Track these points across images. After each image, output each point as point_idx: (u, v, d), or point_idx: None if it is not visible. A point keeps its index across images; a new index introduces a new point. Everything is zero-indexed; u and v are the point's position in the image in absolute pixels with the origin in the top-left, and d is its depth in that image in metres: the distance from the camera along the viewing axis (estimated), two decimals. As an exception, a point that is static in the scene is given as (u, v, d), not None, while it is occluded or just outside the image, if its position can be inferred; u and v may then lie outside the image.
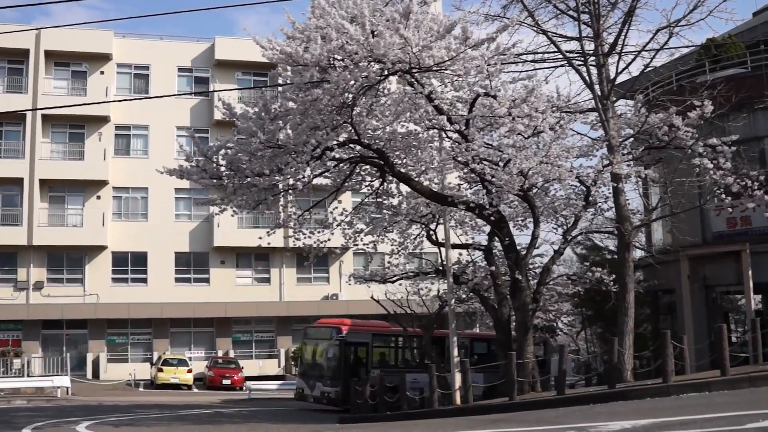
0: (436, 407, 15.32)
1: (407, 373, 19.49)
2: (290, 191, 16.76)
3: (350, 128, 14.75)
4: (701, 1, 15.72)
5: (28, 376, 31.59)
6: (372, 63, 12.85)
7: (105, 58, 37.95)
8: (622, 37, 16.63)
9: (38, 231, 35.67)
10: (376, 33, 12.54)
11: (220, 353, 37.09)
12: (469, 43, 13.04)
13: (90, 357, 35.79)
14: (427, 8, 15.31)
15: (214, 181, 15.38)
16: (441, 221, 18.82)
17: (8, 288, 35.59)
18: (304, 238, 17.59)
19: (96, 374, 35.24)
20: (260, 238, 17.99)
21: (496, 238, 16.97)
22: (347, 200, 28.38)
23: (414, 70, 13.37)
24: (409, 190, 17.13)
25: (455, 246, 19.23)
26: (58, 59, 37.66)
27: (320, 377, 22.17)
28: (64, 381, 28.93)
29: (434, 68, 13.27)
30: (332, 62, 12.66)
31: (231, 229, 36.04)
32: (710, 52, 19.98)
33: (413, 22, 13.14)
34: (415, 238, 19.63)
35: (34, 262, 36.04)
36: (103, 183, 37.06)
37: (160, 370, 32.85)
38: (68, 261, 36.74)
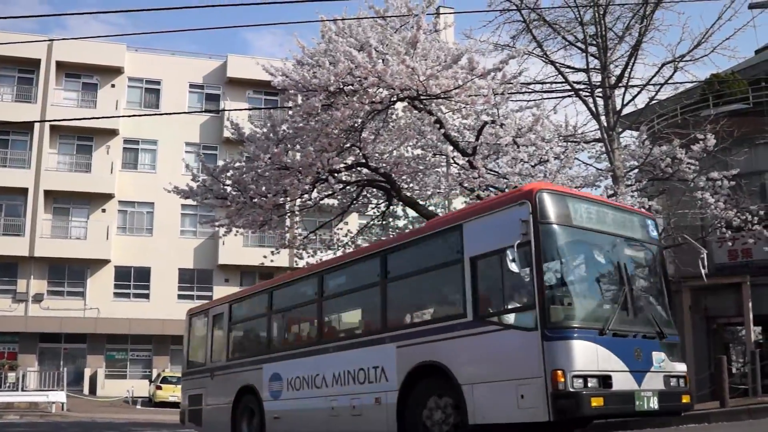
0: None
1: None
2: (296, 212, 16.89)
3: (358, 151, 14.93)
4: (705, 38, 16.04)
5: (23, 390, 31.42)
6: (380, 89, 13.05)
7: (116, 71, 38.39)
8: (629, 70, 16.91)
9: (40, 242, 35.80)
10: (384, 61, 12.75)
11: (218, 371, 36.95)
12: (475, 73, 13.24)
13: (88, 372, 35.70)
14: (437, 36, 15.60)
15: (220, 201, 15.52)
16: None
17: (7, 299, 35.63)
18: (308, 256, 17.71)
19: (93, 390, 35.14)
20: (264, 257, 18.09)
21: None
22: (353, 221, 28.53)
23: (422, 97, 13.57)
24: (415, 213, 17.26)
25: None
26: (69, 70, 38.10)
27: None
28: (60, 396, 28.75)
29: (441, 96, 13.45)
30: (341, 87, 12.86)
31: (236, 247, 36.14)
32: (713, 88, 20.26)
33: (421, 51, 13.36)
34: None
35: (34, 274, 36.13)
36: (108, 196, 37.28)
37: (159, 387, 32.65)
38: (70, 274, 36.83)
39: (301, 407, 10.73)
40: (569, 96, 17.65)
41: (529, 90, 17.38)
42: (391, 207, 17.39)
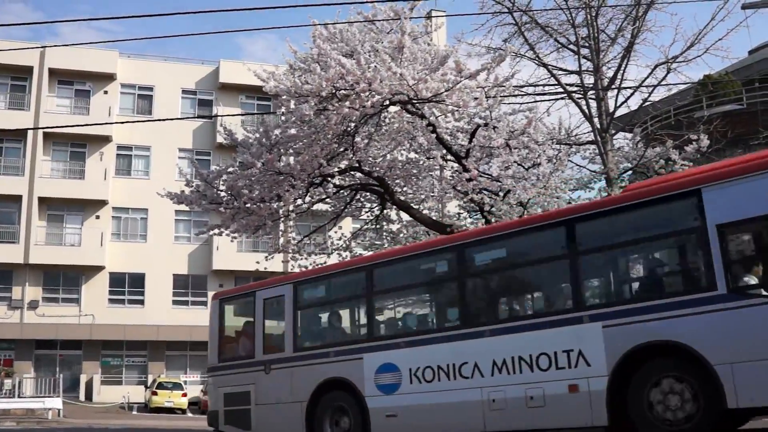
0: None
1: None
2: (290, 217, 16.86)
3: (351, 155, 14.90)
4: (698, 39, 16.05)
5: (19, 396, 31.21)
6: (372, 93, 13.03)
7: (109, 77, 38.31)
8: (621, 72, 16.92)
9: (35, 249, 35.67)
10: (371, 68, 12.73)
11: (214, 376, 36.82)
12: (463, 75, 13.20)
13: (83, 378, 35.55)
14: (428, 38, 15.57)
15: (213, 206, 15.47)
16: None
17: (2, 306, 35.48)
18: (301, 259, 17.70)
19: (89, 396, 34.97)
20: (257, 262, 18.05)
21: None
22: (347, 225, 28.49)
23: (414, 101, 13.55)
24: (408, 217, 17.23)
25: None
26: (61, 77, 38.01)
27: None
28: (56, 403, 28.60)
29: (433, 99, 13.42)
30: (334, 92, 12.83)
31: (230, 252, 36.01)
32: (707, 89, 20.32)
33: (409, 55, 13.34)
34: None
35: (29, 281, 35.98)
36: (102, 203, 37.17)
37: (155, 393, 32.58)
38: (64, 280, 36.68)
39: (434, 402, 9.26)
40: (562, 98, 17.64)
41: (522, 93, 17.37)
42: (385, 211, 17.35)
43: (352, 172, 15.68)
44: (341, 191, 16.31)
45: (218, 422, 12.15)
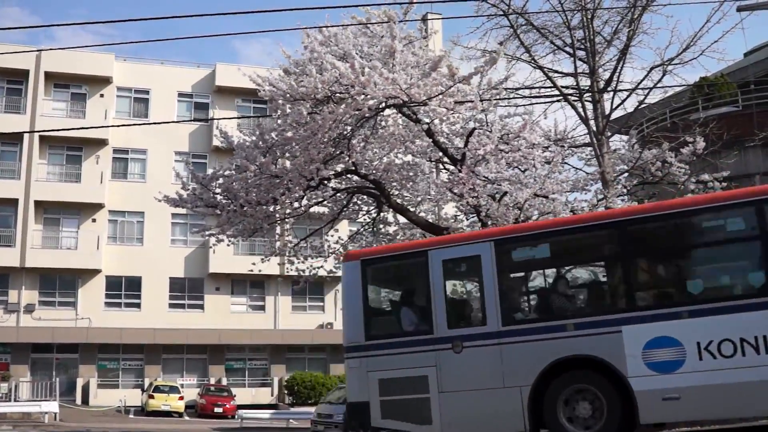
0: None
1: None
2: (286, 219, 16.87)
3: (347, 158, 14.91)
4: (694, 41, 16.09)
5: (16, 400, 31.25)
6: (368, 97, 13.04)
7: (105, 81, 38.27)
8: (617, 74, 16.93)
9: (31, 253, 35.60)
10: (365, 71, 12.75)
11: (212, 381, 36.81)
12: (456, 79, 13.20)
13: (80, 382, 35.43)
14: (423, 42, 15.58)
15: (210, 209, 15.47)
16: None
17: (-2, 310, 35.44)
18: (298, 262, 17.70)
19: (85, 400, 34.86)
20: (254, 264, 18.04)
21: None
22: (344, 228, 28.49)
23: (410, 104, 13.56)
24: (405, 220, 17.25)
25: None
26: (57, 81, 37.96)
27: None
28: (53, 406, 28.60)
29: (427, 103, 13.42)
30: (329, 94, 12.84)
31: (227, 255, 35.91)
32: (703, 91, 20.37)
33: (400, 59, 13.35)
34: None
35: (26, 284, 35.90)
36: (99, 206, 37.10)
37: (151, 396, 32.54)
38: (61, 284, 36.59)
39: (737, 380, 7.93)
40: (558, 101, 17.65)
41: (518, 95, 17.39)
42: (382, 214, 17.37)
43: (348, 175, 15.69)
44: (338, 194, 16.32)
45: (370, 416, 9.64)
